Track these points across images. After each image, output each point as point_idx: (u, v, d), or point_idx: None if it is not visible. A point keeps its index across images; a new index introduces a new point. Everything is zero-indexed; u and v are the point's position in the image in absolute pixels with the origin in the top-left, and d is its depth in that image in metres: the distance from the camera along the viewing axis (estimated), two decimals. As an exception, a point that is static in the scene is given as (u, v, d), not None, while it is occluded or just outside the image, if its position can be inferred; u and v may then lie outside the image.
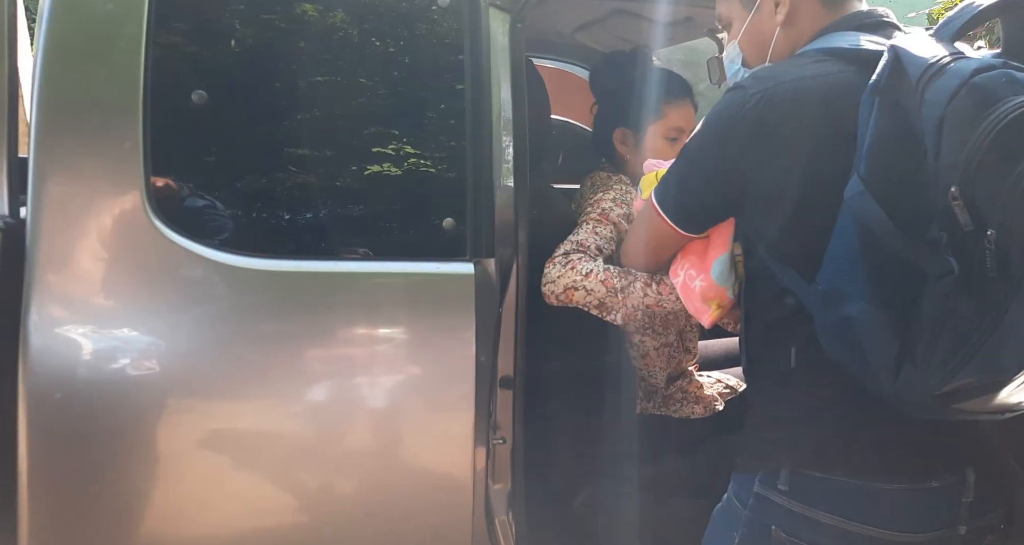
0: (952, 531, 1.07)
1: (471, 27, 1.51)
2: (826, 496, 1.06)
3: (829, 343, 1.02)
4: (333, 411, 1.49)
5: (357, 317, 1.48)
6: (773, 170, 1.06)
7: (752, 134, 1.06)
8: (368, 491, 1.54)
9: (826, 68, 1.07)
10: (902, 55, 0.95)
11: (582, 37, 2.41)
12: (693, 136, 1.16)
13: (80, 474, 1.35)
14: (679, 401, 1.78)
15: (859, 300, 0.94)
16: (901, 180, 0.93)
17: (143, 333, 1.36)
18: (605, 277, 1.47)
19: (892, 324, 0.93)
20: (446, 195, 1.54)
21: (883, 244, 0.93)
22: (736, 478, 1.19)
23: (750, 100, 1.06)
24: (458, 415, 1.50)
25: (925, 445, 1.06)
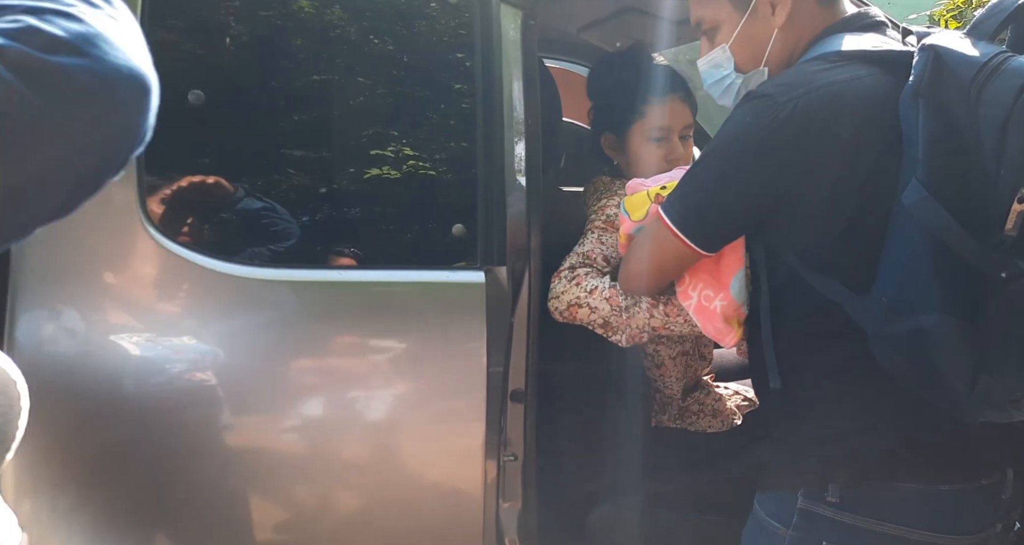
0: (992, 530, 1.08)
1: (482, 24, 1.45)
2: (879, 505, 1.04)
3: (890, 355, 0.99)
4: (337, 424, 1.43)
5: (363, 327, 1.42)
6: (818, 181, 1.01)
7: (792, 146, 1.01)
8: (374, 507, 1.49)
9: (855, 72, 1.02)
10: (945, 55, 0.93)
11: (588, 36, 2.36)
12: (714, 149, 1.09)
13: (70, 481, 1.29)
14: (695, 414, 1.72)
15: (932, 312, 0.91)
16: (963, 183, 0.90)
17: (137, 343, 1.29)
18: (610, 295, 1.40)
19: (966, 333, 0.91)
20: (455, 200, 1.48)
21: (952, 251, 0.90)
22: (769, 496, 1.15)
23: (783, 109, 1.00)
24: (468, 430, 1.44)
25: (977, 446, 1.06)
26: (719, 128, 1.10)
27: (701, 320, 1.24)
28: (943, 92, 0.92)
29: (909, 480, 1.04)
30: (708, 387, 1.80)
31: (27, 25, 0.51)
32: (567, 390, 1.67)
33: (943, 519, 1.04)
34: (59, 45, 0.51)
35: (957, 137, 0.91)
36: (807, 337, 1.10)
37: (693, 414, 1.72)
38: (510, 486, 1.49)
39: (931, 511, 1.04)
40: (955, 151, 0.91)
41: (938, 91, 0.92)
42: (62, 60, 0.51)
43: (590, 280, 1.42)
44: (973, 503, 1.06)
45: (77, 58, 0.52)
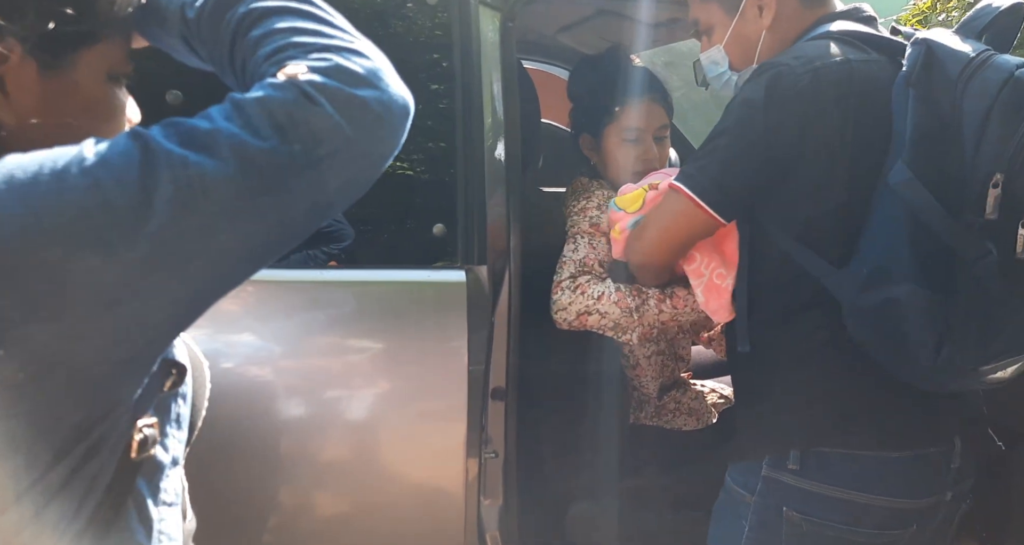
0: (942, 497, 1.14)
1: (461, 25, 1.46)
2: (835, 471, 1.10)
3: (860, 325, 1.05)
4: (319, 423, 1.43)
5: (345, 326, 1.42)
6: (823, 151, 1.06)
7: (808, 113, 1.05)
8: (355, 505, 1.49)
9: (864, 54, 1.09)
10: (936, 49, 0.99)
11: (565, 38, 2.38)
12: (733, 120, 1.11)
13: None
14: (672, 412, 1.74)
15: (906, 282, 0.98)
16: (943, 168, 0.96)
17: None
18: (618, 298, 1.41)
19: (935, 305, 0.97)
20: (436, 200, 1.48)
21: (928, 228, 0.96)
22: (737, 467, 1.20)
23: (802, 78, 1.04)
24: (450, 427, 1.45)
25: (924, 415, 1.11)
26: (733, 100, 1.13)
27: (708, 297, 1.26)
28: (932, 83, 0.98)
29: (862, 447, 1.09)
30: (685, 386, 1.82)
31: (335, 64, 0.60)
32: (547, 388, 1.68)
33: (895, 484, 1.10)
34: (360, 80, 0.60)
35: (941, 125, 0.97)
36: (777, 309, 1.15)
37: (670, 412, 1.74)
38: (491, 483, 1.50)
39: (883, 477, 1.09)
40: (938, 138, 0.97)
41: (928, 81, 0.99)
42: (363, 93, 0.60)
43: (594, 287, 1.43)
44: (923, 470, 1.11)
45: (372, 91, 0.60)
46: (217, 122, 0.57)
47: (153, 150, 0.56)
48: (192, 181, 0.55)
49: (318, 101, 0.58)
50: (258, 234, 0.60)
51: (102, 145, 0.56)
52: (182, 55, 0.72)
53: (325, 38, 0.63)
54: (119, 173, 0.54)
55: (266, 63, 0.62)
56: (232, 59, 0.66)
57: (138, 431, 0.65)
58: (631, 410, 1.72)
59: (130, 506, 0.66)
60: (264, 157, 0.56)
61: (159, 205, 0.54)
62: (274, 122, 0.57)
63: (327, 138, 0.58)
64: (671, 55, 2.67)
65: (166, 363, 0.69)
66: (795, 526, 1.12)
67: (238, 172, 0.56)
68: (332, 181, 0.60)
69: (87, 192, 0.53)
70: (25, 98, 0.62)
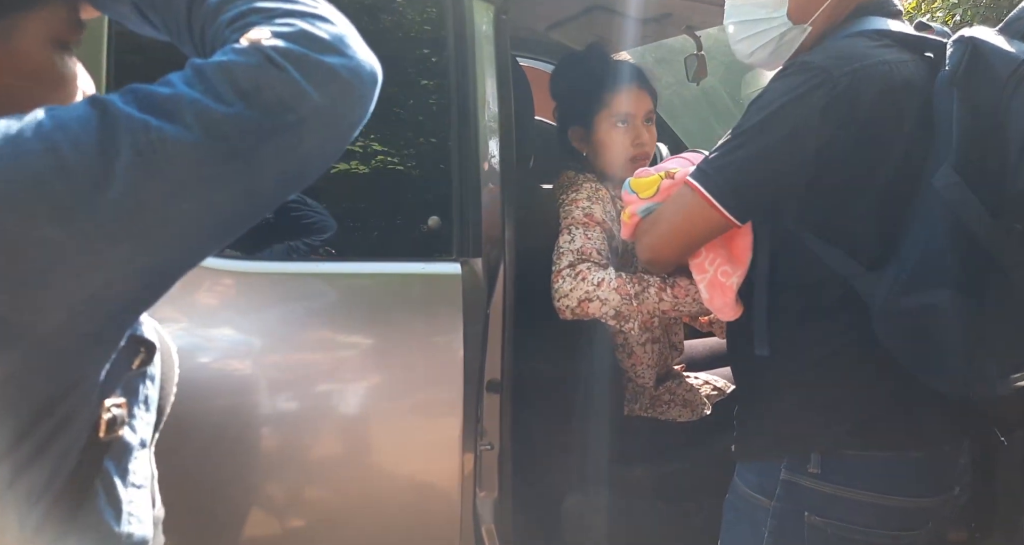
0: (951, 493, 1.14)
1: (454, 18, 1.47)
2: (857, 473, 1.09)
3: (892, 328, 1.03)
4: (315, 417, 1.43)
5: (341, 319, 1.42)
6: (860, 156, 1.03)
7: (846, 117, 1.02)
8: (352, 498, 1.49)
9: (901, 55, 1.05)
10: (983, 48, 0.96)
11: (557, 34, 2.38)
12: (760, 121, 1.06)
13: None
14: (667, 403, 1.75)
15: (946, 288, 0.96)
16: (985, 173, 0.95)
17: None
18: (618, 284, 1.43)
19: (975, 312, 0.96)
20: (431, 193, 1.49)
21: (971, 234, 0.95)
22: (751, 469, 1.18)
23: (839, 83, 1.01)
24: (445, 420, 1.45)
25: (943, 414, 1.11)
26: (761, 96, 1.08)
27: (712, 294, 1.24)
28: (978, 83, 0.96)
29: (881, 448, 1.09)
30: (680, 377, 1.83)
31: (299, 29, 0.58)
32: (542, 380, 1.69)
33: (913, 483, 1.10)
34: (326, 46, 0.59)
35: (986, 128, 0.95)
36: (801, 309, 1.13)
37: (664, 403, 1.75)
38: (487, 475, 1.51)
39: (902, 477, 1.09)
40: (982, 141, 0.95)
41: (973, 82, 0.96)
42: (330, 60, 0.58)
43: (594, 273, 1.44)
44: (936, 468, 1.11)
45: (338, 57, 0.59)
46: (178, 87, 0.56)
47: (112, 114, 0.54)
48: (154, 146, 0.53)
49: (283, 66, 0.57)
50: (224, 203, 0.58)
51: (59, 110, 0.54)
52: (135, 24, 0.69)
53: (288, 3, 0.61)
54: (76, 137, 0.52)
55: (227, 29, 0.60)
56: (190, 26, 0.63)
57: (106, 410, 0.64)
58: (625, 402, 1.73)
59: (98, 487, 0.65)
60: (228, 123, 0.55)
61: (119, 171, 0.52)
62: (237, 88, 0.56)
63: (293, 105, 0.57)
64: (662, 51, 2.69)
65: (134, 340, 0.67)
66: (818, 531, 1.10)
67: (202, 137, 0.54)
68: (300, 149, 0.59)
69: (43, 157, 0.52)
70: None
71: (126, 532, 0.67)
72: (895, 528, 1.10)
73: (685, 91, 2.56)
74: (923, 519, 1.12)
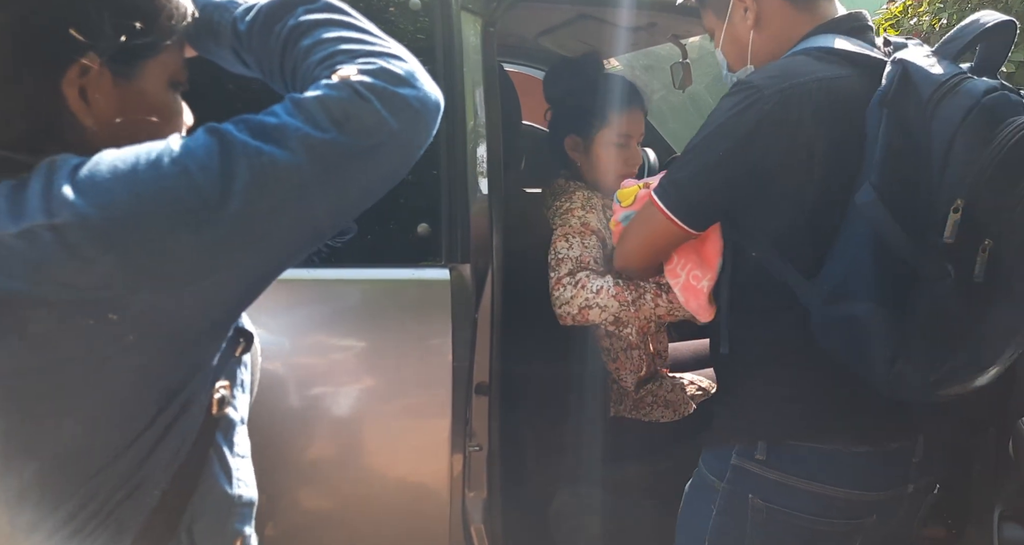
0: (903, 490, 1.19)
1: (443, 30, 1.50)
2: (800, 463, 1.15)
3: (827, 335, 1.08)
4: (306, 420, 1.46)
5: (329, 325, 1.45)
6: (792, 168, 1.08)
7: (775, 133, 1.07)
8: (343, 499, 1.52)
9: (836, 71, 1.10)
10: (912, 71, 1.01)
11: (546, 41, 2.42)
12: (704, 137, 1.15)
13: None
14: (650, 405, 1.79)
15: (865, 300, 1.01)
16: (909, 190, 0.99)
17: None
18: (616, 292, 1.48)
19: (891, 322, 1.00)
20: (420, 200, 1.52)
21: (891, 249, 0.99)
22: (710, 454, 1.26)
23: (769, 99, 1.07)
24: (434, 422, 1.48)
25: (887, 412, 1.15)
26: (709, 114, 1.16)
27: (686, 297, 1.31)
28: (905, 105, 1.00)
29: (827, 441, 1.14)
30: (662, 378, 1.87)
31: (380, 67, 0.69)
32: (530, 383, 1.72)
33: (857, 478, 1.14)
34: (401, 81, 0.69)
35: (911, 147, 0.99)
36: (756, 311, 1.19)
37: (647, 405, 1.79)
38: (475, 476, 1.54)
39: (846, 470, 1.14)
40: (907, 160, 0.99)
41: (901, 103, 1.01)
42: (404, 91, 0.69)
43: (594, 281, 1.49)
44: (884, 464, 1.16)
45: (411, 90, 0.69)
46: (283, 117, 0.66)
47: (230, 141, 0.64)
48: (265, 168, 0.63)
49: (368, 98, 0.67)
50: (318, 214, 0.68)
51: (187, 140, 0.65)
52: (230, 64, 0.81)
53: (368, 45, 0.72)
54: (202, 161, 0.63)
55: (319, 67, 0.70)
56: (282, 66, 0.74)
57: (216, 391, 0.75)
58: (611, 403, 1.76)
59: (212, 456, 0.77)
60: (325, 147, 0.65)
61: (238, 189, 0.62)
62: (331, 117, 0.65)
63: (376, 130, 0.67)
64: (650, 58, 2.72)
65: (238, 331, 0.79)
66: (760, 513, 1.17)
67: (304, 160, 0.64)
68: (379, 167, 0.69)
69: (178, 178, 0.62)
70: (102, 104, 0.70)
71: (237, 494, 0.81)
72: (836, 517, 1.15)
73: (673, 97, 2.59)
74: (864, 511, 1.17)
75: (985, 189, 0.91)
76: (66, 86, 0.67)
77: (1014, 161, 0.91)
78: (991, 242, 0.91)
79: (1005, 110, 0.94)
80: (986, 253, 0.91)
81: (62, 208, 0.60)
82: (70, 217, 0.60)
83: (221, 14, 0.78)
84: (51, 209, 0.60)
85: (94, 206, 0.60)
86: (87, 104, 0.69)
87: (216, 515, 0.78)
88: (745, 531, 1.18)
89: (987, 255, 0.91)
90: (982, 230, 0.92)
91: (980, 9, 2.36)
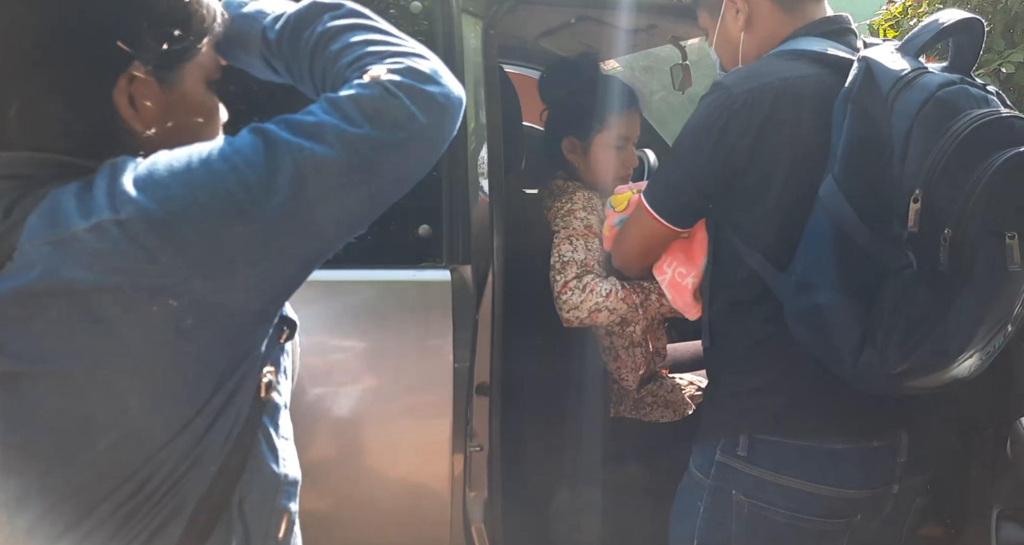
0: (888, 489, 1.19)
1: (444, 33, 1.51)
2: (780, 459, 1.16)
3: (796, 326, 1.11)
4: (308, 420, 1.46)
5: (331, 326, 1.46)
6: (759, 164, 1.12)
7: (742, 132, 1.11)
8: (344, 499, 1.53)
9: (802, 70, 1.13)
10: (873, 67, 1.03)
11: (546, 43, 2.43)
12: (682, 137, 1.20)
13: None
14: (650, 405, 1.80)
15: (829, 290, 1.04)
16: (870, 183, 1.02)
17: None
18: (624, 295, 1.54)
19: (856, 311, 1.03)
20: (422, 202, 1.53)
21: (852, 239, 1.02)
22: (697, 450, 1.28)
23: (737, 99, 1.11)
24: (435, 423, 1.49)
25: (866, 409, 1.16)
26: (689, 117, 1.21)
27: (672, 294, 1.35)
28: (869, 100, 1.03)
29: (804, 437, 1.15)
30: (662, 378, 1.88)
31: (407, 66, 0.74)
32: (531, 383, 1.73)
33: (837, 475, 1.15)
34: (427, 78, 0.74)
35: (875, 141, 1.02)
36: (733, 304, 1.22)
37: (647, 405, 1.80)
38: (476, 476, 1.55)
39: (826, 468, 1.15)
40: (871, 153, 1.02)
41: (865, 99, 1.03)
42: (430, 88, 0.74)
43: (602, 285, 1.54)
44: (866, 462, 1.16)
45: (436, 86, 0.74)
46: (320, 116, 0.71)
47: (274, 139, 0.69)
48: (307, 162, 0.68)
49: (398, 95, 0.72)
50: (355, 204, 0.73)
51: (233, 139, 0.71)
52: (259, 71, 0.87)
53: (393, 46, 0.77)
54: (249, 158, 0.68)
55: (349, 69, 0.75)
56: (312, 70, 0.79)
57: (263, 376, 0.80)
58: (611, 404, 1.77)
59: (260, 437, 0.82)
60: (360, 141, 0.70)
61: (283, 182, 0.68)
62: (364, 113, 0.70)
63: (406, 124, 0.71)
64: (650, 60, 2.73)
65: (282, 319, 0.83)
66: (744, 509, 1.18)
67: (342, 153, 0.69)
68: (409, 159, 0.74)
69: (228, 175, 0.67)
70: (150, 109, 0.75)
71: (283, 472, 0.85)
72: (818, 515, 1.16)
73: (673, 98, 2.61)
74: (847, 510, 1.18)
75: (940, 179, 0.94)
76: (117, 95, 0.72)
77: (966, 151, 0.93)
78: (951, 231, 0.93)
79: (962, 102, 0.96)
80: (947, 242, 0.93)
81: (126, 204, 0.65)
82: (133, 212, 0.65)
83: (251, 24, 0.83)
84: (116, 205, 0.66)
85: (154, 201, 0.66)
86: (136, 110, 0.74)
87: (264, 491, 0.83)
88: (731, 528, 1.20)
89: (948, 244, 0.93)
90: (942, 220, 0.94)
91: (978, 10, 2.36)
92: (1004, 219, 0.94)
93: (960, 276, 0.94)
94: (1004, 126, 0.95)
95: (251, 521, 0.81)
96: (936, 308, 0.97)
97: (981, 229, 0.93)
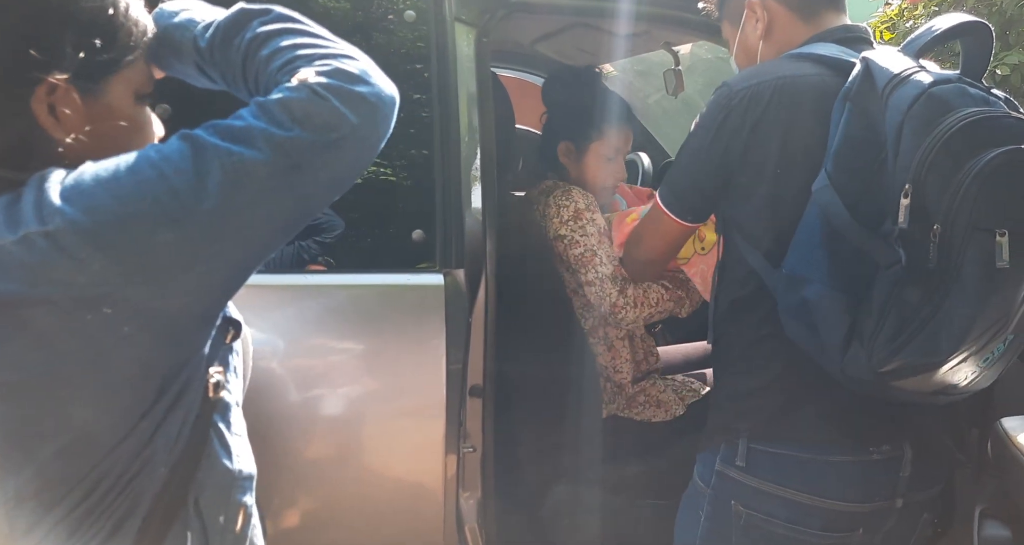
0: (891, 503, 1.16)
1: (438, 41, 1.53)
2: (778, 470, 1.15)
3: (788, 322, 1.10)
4: (303, 422, 1.48)
5: (327, 329, 1.48)
6: (754, 158, 1.13)
7: (738, 127, 1.13)
8: (338, 500, 1.54)
9: (804, 69, 1.15)
10: (872, 66, 1.04)
11: (541, 48, 2.45)
12: (688, 137, 1.22)
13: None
14: (641, 404, 1.82)
15: (817, 284, 1.04)
16: (863, 178, 1.02)
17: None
18: (670, 296, 1.68)
19: (845, 306, 1.02)
20: (415, 206, 1.55)
21: (842, 235, 1.02)
22: (700, 459, 1.27)
23: (736, 95, 1.13)
24: (429, 424, 1.51)
25: (865, 419, 1.14)
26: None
27: (705, 287, 1.43)
28: (865, 98, 1.04)
29: (790, 446, 1.14)
30: (654, 377, 1.90)
31: (335, 68, 0.74)
32: (523, 384, 1.74)
33: (836, 487, 1.13)
34: (356, 79, 0.74)
35: (870, 139, 1.02)
36: (733, 302, 1.23)
37: (639, 404, 1.82)
38: (469, 477, 1.57)
39: (825, 479, 1.13)
40: (865, 151, 1.02)
41: (864, 98, 1.04)
42: (360, 89, 0.74)
43: (649, 295, 1.66)
44: (866, 475, 1.14)
45: (366, 86, 0.75)
46: (248, 120, 0.71)
47: (202, 145, 0.69)
48: (236, 166, 0.69)
49: (326, 97, 0.72)
50: (289, 206, 0.74)
51: (161, 146, 0.71)
52: (193, 79, 0.86)
53: (322, 48, 0.77)
54: (177, 165, 0.68)
55: (279, 73, 0.76)
56: (245, 75, 0.80)
57: (211, 376, 0.81)
58: (604, 403, 1.79)
59: (212, 435, 0.83)
60: (290, 143, 0.70)
61: (212, 188, 0.68)
62: (293, 116, 0.71)
63: (336, 125, 0.72)
64: (644, 65, 2.76)
65: (226, 320, 0.84)
66: (743, 520, 1.17)
67: (271, 156, 0.70)
68: (343, 159, 0.74)
69: (156, 182, 0.68)
70: (72, 119, 0.74)
71: (237, 468, 0.87)
72: (818, 528, 1.14)
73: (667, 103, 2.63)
74: (848, 524, 1.15)
75: (929, 175, 0.93)
76: (35, 104, 0.71)
77: (955, 148, 0.93)
78: (939, 227, 0.92)
79: (955, 100, 0.96)
80: (936, 239, 0.92)
81: (53, 215, 0.66)
82: (61, 223, 0.65)
83: (182, 33, 0.82)
84: (43, 217, 0.66)
85: (82, 211, 0.66)
86: (57, 120, 0.73)
87: (219, 488, 0.84)
88: (731, 538, 1.19)
89: (937, 241, 0.92)
90: (931, 216, 0.93)
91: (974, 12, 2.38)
92: (993, 216, 0.92)
93: (949, 274, 0.93)
94: (996, 124, 0.94)
95: (207, 517, 0.82)
96: (926, 306, 0.95)
97: (969, 225, 0.92)
